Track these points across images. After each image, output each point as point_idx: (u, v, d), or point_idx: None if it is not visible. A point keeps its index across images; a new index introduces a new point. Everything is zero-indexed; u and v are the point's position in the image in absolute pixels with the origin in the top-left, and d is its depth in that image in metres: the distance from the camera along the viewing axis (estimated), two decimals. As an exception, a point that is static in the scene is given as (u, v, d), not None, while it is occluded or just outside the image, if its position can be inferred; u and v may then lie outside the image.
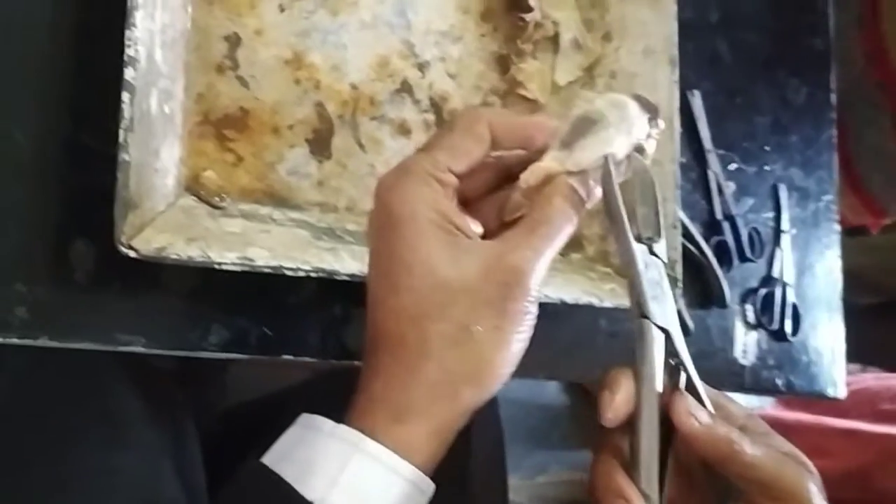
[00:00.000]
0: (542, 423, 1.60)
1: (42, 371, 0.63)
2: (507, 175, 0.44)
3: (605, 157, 0.41)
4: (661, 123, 0.44)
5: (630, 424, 0.40)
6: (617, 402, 0.40)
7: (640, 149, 0.43)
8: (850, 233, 1.37)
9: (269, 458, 0.38)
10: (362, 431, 0.37)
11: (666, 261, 0.42)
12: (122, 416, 0.62)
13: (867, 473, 1.17)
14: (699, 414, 0.40)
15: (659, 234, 0.42)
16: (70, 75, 0.47)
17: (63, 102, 0.47)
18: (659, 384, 0.40)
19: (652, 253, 0.41)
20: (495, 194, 0.45)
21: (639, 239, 0.41)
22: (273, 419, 0.92)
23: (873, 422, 1.25)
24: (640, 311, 0.40)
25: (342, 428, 0.38)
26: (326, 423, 0.38)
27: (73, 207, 0.46)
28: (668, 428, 0.40)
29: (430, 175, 0.39)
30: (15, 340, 0.44)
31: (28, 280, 0.45)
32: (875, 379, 1.39)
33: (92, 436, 0.59)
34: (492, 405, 0.91)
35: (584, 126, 0.41)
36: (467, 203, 0.44)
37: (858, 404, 1.28)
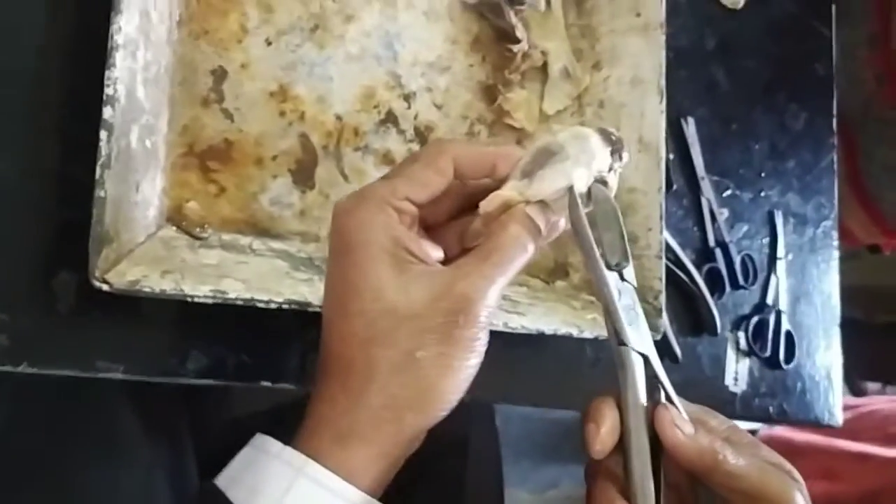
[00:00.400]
0: (552, 438, 1.59)
1: (40, 388, 0.65)
2: (471, 201, 0.45)
3: (571, 188, 0.41)
4: (626, 157, 0.44)
5: (620, 450, 0.41)
6: (603, 435, 0.40)
7: (602, 181, 0.43)
8: (870, 250, 1.35)
9: (222, 480, 0.39)
10: (307, 454, 0.38)
11: (636, 286, 0.43)
12: (120, 435, 0.63)
13: (878, 499, 1.16)
14: (682, 425, 0.41)
15: (627, 259, 0.42)
16: (58, 108, 0.49)
17: (51, 135, 0.49)
18: (642, 407, 0.41)
19: (623, 279, 0.42)
20: (458, 220, 0.46)
21: (608, 266, 0.42)
22: (270, 433, 0.93)
23: (884, 445, 1.24)
24: (618, 338, 0.41)
25: (288, 451, 0.38)
26: (274, 446, 0.39)
27: (58, 238, 0.48)
28: (655, 445, 0.41)
29: (386, 202, 0.40)
30: (-4, 367, 0.46)
31: (10, 308, 0.46)
32: (888, 401, 1.37)
33: (90, 454, 0.61)
34: (489, 420, 0.92)
35: (544, 157, 0.42)
36: (430, 228, 0.45)
37: (870, 427, 1.27)
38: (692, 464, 0.41)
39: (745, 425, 1.31)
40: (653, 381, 0.42)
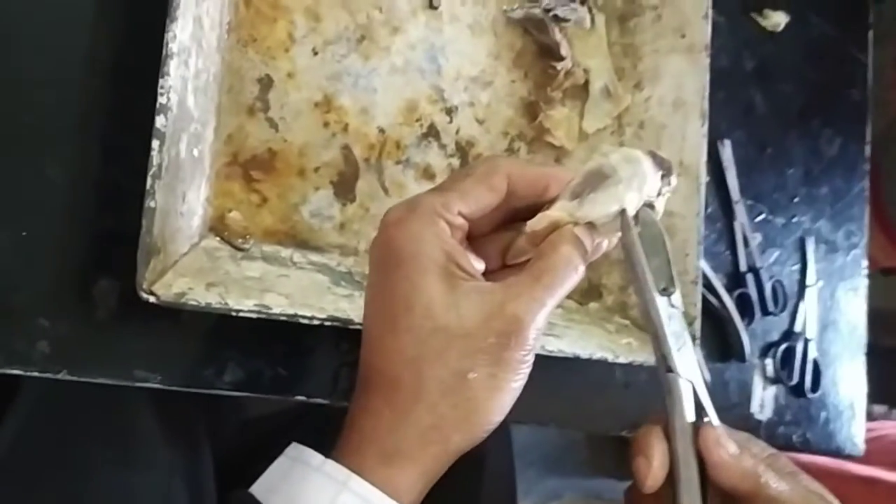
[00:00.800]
0: (556, 450, 1.59)
1: (65, 386, 0.64)
2: (515, 215, 0.44)
3: (623, 212, 0.41)
4: (674, 181, 0.43)
5: (669, 479, 0.41)
6: (655, 470, 0.40)
7: (650, 205, 0.43)
8: (882, 273, 1.35)
9: (258, 489, 0.39)
10: (350, 468, 0.37)
11: (683, 310, 0.42)
12: (137, 436, 0.63)
13: (886, 525, 1.15)
14: (727, 445, 0.41)
15: (673, 285, 0.42)
16: (106, 115, 0.48)
17: (98, 142, 0.48)
18: (690, 434, 0.40)
19: (671, 305, 0.42)
20: (500, 233, 0.45)
21: (658, 291, 0.41)
22: (288, 436, 0.93)
23: (893, 471, 1.23)
24: (666, 364, 0.41)
25: (330, 464, 0.38)
26: (315, 458, 0.38)
27: (101, 245, 0.47)
28: (700, 470, 0.40)
29: (438, 215, 0.39)
30: (35, 373, 0.45)
31: (51, 315, 0.46)
32: (896, 427, 1.37)
33: (107, 456, 0.60)
34: (505, 436, 0.91)
35: (596, 180, 0.41)
36: (471, 239, 0.44)
37: (879, 452, 1.26)
38: (735, 486, 0.41)
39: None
40: (697, 408, 0.41)
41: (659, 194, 0.43)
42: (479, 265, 0.44)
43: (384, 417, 0.38)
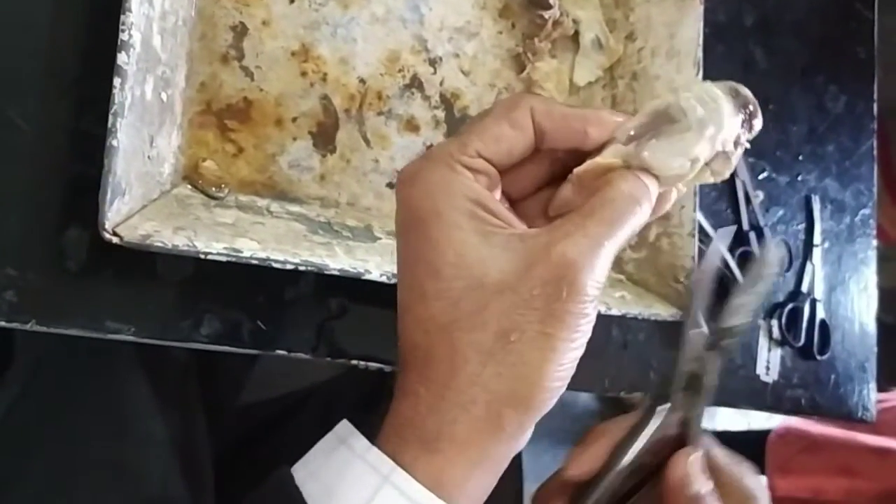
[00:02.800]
0: (570, 434, 1.57)
1: (61, 356, 0.63)
2: (560, 172, 0.38)
3: (715, 243, 0.36)
4: (758, 125, 0.36)
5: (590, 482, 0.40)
6: (583, 459, 0.39)
7: (727, 153, 0.36)
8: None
9: (300, 471, 0.34)
10: (394, 458, 0.32)
11: (727, 353, 0.39)
12: (131, 409, 0.62)
13: (900, 497, 1.12)
14: (694, 483, 0.39)
15: (740, 330, 0.38)
16: (72, 61, 0.47)
17: (64, 88, 0.47)
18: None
19: (712, 347, 0.38)
20: (542, 192, 0.39)
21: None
22: (290, 419, 0.92)
23: (904, 441, 1.20)
24: (661, 393, 0.39)
25: (374, 452, 0.33)
26: (360, 442, 0.34)
27: (70, 194, 0.46)
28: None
29: (454, 160, 0.34)
30: (2, 323, 0.44)
31: (19, 264, 0.45)
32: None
33: (101, 428, 0.59)
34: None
35: (660, 122, 0.35)
36: (512, 202, 0.39)
37: (890, 423, 1.23)
38: None
39: (776, 418, 1.28)
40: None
41: (737, 144, 0.36)
42: (522, 227, 0.37)
43: (421, 397, 0.33)
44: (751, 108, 0.35)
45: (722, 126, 0.35)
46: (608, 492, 0.38)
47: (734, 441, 0.54)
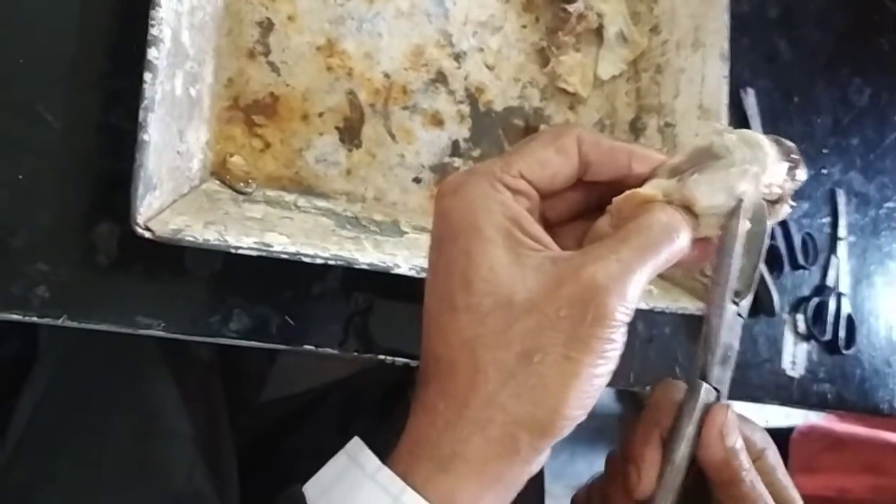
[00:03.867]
0: (587, 431, 1.56)
1: (86, 354, 0.64)
2: (599, 202, 0.38)
3: (739, 202, 0.35)
4: (802, 176, 0.36)
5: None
6: (644, 484, 0.38)
7: (772, 201, 0.36)
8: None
9: (311, 489, 0.34)
10: (405, 478, 0.32)
11: (746, 317, 0.38)
12: (156, 407, 0.62)
13: (923, 493, 1.11)
14: (730, 435, 0.38)
15: (748, 290, 0.37)
16: (100, 56, 0.47)
17: (92, 83, 0.47)
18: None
19: (738, 314, 0.37)
20: (578, 222, 0.39)
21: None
22: (310, 415, 0.92)
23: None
24: (701, 371, 0.38)
25: (385, 472, 0.33)
26: (370, 462, 0.33)
27: (100, 189, 0.46)
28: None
29: (497, 179, 0.34)
30: (35, 319, 0.44)
31: (50, 260, 0.45)
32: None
33: (126, 425, 0.60)
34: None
35: (704, 158, 0.35)
36: (549, 228, 0.39)
37: (915, 419, 1.22)
38: (714, 470, 0.38)
39: (793, 416, 1.27)
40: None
41: (779, 197, 0.36)
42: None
43: (439, 413, 0.32)
44: (794, 156, 0.35)
45: (766, 167, 0.35)
46: (674, 489, 0.38)
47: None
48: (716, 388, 0.38)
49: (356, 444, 0.35)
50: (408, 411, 0.35)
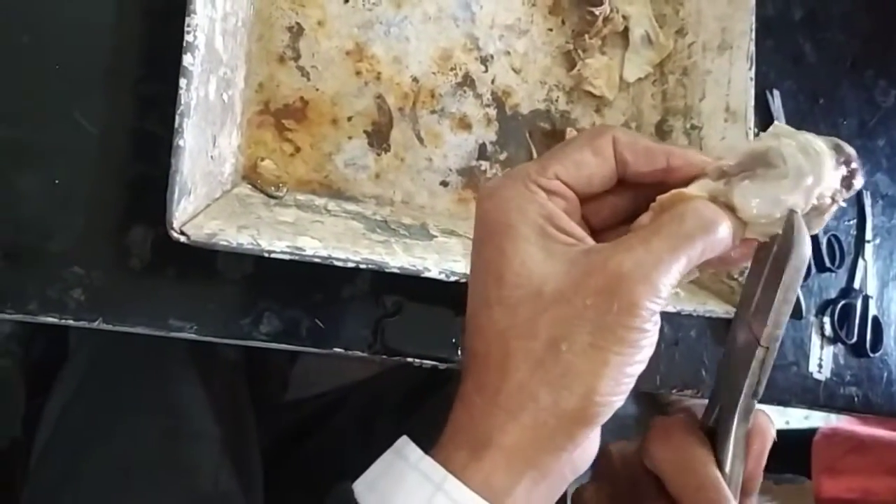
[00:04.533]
0: (604, 434, 1.56)
1: (115, 355, 0.64)
2: (642, 206, 0.38)
3: (793, 214, 0.33)
4: (858, 184, 0.35)
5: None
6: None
7: (821, 208, 0.34)
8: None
9: (360, 483, 0.35)
10: (445, 466, 0.33)
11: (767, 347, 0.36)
12: (184, 407, 0.63)
13: (945, 496, 1.10)
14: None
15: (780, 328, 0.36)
16: (135, 62, 0.48)
17: (129, 90, 0.48)
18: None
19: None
20: (624, 227, 0.38)
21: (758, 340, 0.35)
22: (333, 415, 0.93)
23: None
24: (732, 407, 0.37)
25: (427, 461, 0.33)
26: (413, 453, 0.34)
27: (134, 193, 0.47)
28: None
29: (532, 180, 0.34)
30: (70, 322, 0.45)
31: (85, 263, 0.46)
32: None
33: (154, 426, 0.60)
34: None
35: (756, 164, 0.34)
36: (592, 233, 0.38)
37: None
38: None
39: (814, 417, 1.25)
40: None
41: (833, 201, 0.34)
42: None
43: (474, 403, 0.33)
44: (853, 165, 0.34)
45: (822, 179, 0.33)
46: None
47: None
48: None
49: (402, 439, 0.35)
50: (430, 412, 0.35)
